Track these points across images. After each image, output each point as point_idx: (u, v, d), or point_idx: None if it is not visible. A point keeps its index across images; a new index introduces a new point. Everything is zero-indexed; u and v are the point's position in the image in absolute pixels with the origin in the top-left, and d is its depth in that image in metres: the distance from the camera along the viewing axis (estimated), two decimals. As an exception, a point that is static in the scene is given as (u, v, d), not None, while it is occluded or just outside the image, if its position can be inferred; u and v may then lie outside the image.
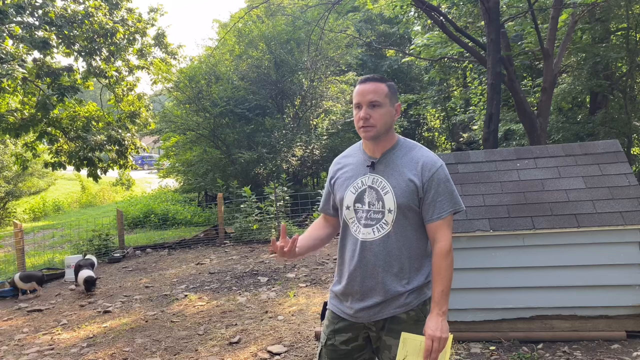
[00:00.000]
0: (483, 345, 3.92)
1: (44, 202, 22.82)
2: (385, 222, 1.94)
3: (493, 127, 8.05)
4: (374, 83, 1.96)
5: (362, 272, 1.97)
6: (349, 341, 2.05)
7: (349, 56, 16.02)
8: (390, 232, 1.94)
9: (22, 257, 8.21)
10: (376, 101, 1.93)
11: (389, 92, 1.97)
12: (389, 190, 1.94)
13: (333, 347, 2.06)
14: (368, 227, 1.96)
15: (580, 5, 8.88)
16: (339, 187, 2.09)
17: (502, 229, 3.91)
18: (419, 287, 1.98)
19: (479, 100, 14.37)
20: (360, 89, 1.96)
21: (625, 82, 12.13)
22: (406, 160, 1.97)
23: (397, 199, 1.93)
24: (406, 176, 1.94)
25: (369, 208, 1.97)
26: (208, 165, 14.95)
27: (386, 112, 1.95)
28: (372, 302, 1.97)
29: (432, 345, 1.86)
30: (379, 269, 1.95)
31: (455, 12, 11.91)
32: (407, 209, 1.94)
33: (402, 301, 1.96)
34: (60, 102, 9.84)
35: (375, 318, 1.99)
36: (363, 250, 1.97)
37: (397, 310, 1.97)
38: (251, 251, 9.05)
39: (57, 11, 10.04)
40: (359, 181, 2.01)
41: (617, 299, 3.84)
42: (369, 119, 1.93)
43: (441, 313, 1.89)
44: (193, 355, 4.26)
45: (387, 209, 1.94)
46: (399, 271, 1.95)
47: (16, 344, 4.97)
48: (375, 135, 1.96)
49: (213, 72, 15.00)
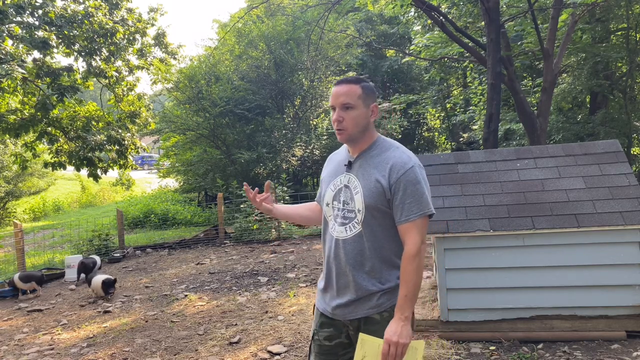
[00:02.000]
0: (483, 345, 3.92)
1: (44, 202, 22.83)
2: (357, 222, 1.96)
3: (493, 127, 8.06)
4: (348, 85, 1.97)
5: (337, 269, 2.01)
6: (331, 337, 2.07)
7: (349, 56, 16.03)
8: (361, 232, 1.95)
9: (22, 257, 8.21)
10: (348, 103, 1.94)
11: (363, 94, 1.97)
12: (359, 191, 1.96)
13: (319, 342, 2.10)
14: (342, 225, 1.99)
15: (580, 5, 8.88)
16: (323, 183, 2.15)
17: (502, 229, 3.91)
18: (392, 288, 1.96)
19: (479, 100, 14.38)
20: (334, 91, 1.98)
21: (625, 82, 12.14)
22: (378, 161, 1.97)
23: (365, 199, 1.93)
24: (374, 177, 1.94)
25: (343, 207, 2.00)
26: (208, 165, 14.96)
27: (359, 114, 1.96)
28: (346, 299, 1.99)
29: (388, 349, 1.84)
30: (350, 267, 1.97)
31: (455, 12, 11.91)
32: (375, 210, 1.93)
33: (375, 302, 1.96)
34: (60, 102, 9.84)
35: (350, 317, 2.00)
36: (337, 247, 2.00)
37: (371, 311, 1.97)
38: (251, 251, 9.05)
39: (57, 11, 10.04)
40: (338, 179, 2.05)
41: (617, 299, 3.84)
42: (341, 122, 1.95)
43: (403, 318, 1.86)
44: (193, 355, 4.26)
45: (357, 209, 1.95)
46: (370, 270, 1.96)
47: (16, 344, 4.97)
48: (348, 138, 1.99)
49: (213, 72, 15.01)
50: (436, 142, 22.79)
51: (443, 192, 4.33)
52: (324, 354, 2.10)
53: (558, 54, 9.24)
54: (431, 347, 3.91)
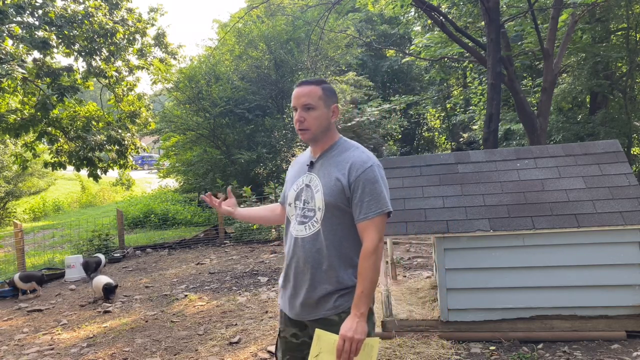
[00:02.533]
0: (483, 345, 3.92)
1: (44, 202, 22.82)
2: (316, 220, 1.99)
3: (493, 127, 8.06)
4: (309, 86, 2.01)
5: (295, 268, 2.03)
6: (297, 336, 2.10)
7: (349, 56, 16.03)
8: (320, 230, 1.97)
9: (22, 257, 8.21)
10: (309, 104, 1.99)
11: (324, 95, 2.01)
12: (319, 189, 2.00)
13: (285, 340, 2.13)
14: (302, 224, 2.03)
15: (580, 5, 8.88)
16: (286, 184, 2.21)
17: (502, 229, 3.91)
18: (350, 288, 1.97)
19: (479, 100, 14.39)
20: (295, 92, 2.02)
21: (625, 82, 12.14)
22: (338, 161, 2.01)
23: (325, 197, 1.97)
24: (334, 175, 1.98)
25: (304, 206, 2.04)
26: (208, 165, 14.95)
27: (320, 114, 2.00)
28: (304, 298, 2.01)
29: (343, 345, 1.85)
30: (308, 265, 1.99)
31: (455, 12, 11.92)
32: (335, 208, 1.96)
33: (332, 304, 1.97)
34: (60, 102, 9.84)
35: (308, 317, 2.02)
36: (296, 246, 2.03)
37: (329, 313, 1.97)
38: (251, 251, 9.05)
39: (57, 11, 10.04)
40: (300, 180, 2.10)
41: (617, 299, 3.84)
42: (303, 122, 2.00)
43: (358, 314, 1.87)
44: (193, 355, 4.26)
45: (317, 207, 1.99)
46: (327, 269, 1.97)
47: (16, 344, 4.97)
48: (310, 138, 2.04)
49: (213, 72, 15.00)
50: (436, 142, 22.79)
51: (443, 192, 4.33)
52: (291, 350, 2.12)
53: (558, 54, 9.24)
54: (431, 347, 3.91)
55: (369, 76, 18.46)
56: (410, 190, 4.43)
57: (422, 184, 4.48)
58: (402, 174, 4.62)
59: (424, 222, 4.11)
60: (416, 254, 7.63)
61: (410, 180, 4.54)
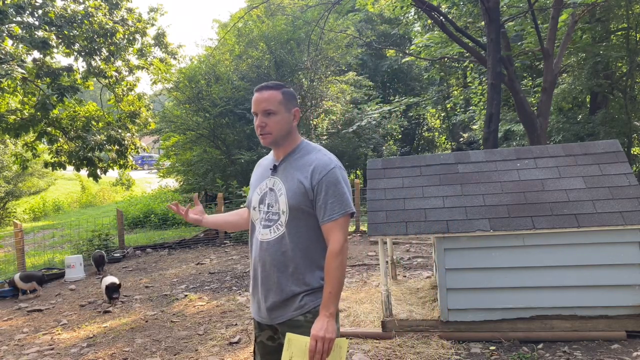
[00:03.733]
0: (483, 345, 3.92)
1: (44, 202, 22.83)
2: (280, 224, 1.99)
3: (493, 127, 8.06)
4: (268, 91, 2.01)
5: (262, 272, 2.03)
6: (273, 338, 2.11)
7: (349, 56, 16.01)
8: (285, 233, 1.98)
9: (22, 257, 8.22)
10: (270, 109, 1.99)
11: (284, 99, 2.02)
12: (283, 192, 2.00)
13: (262, 344, 2.14)
14: (266, 227, 2.03)
15: (580, 5, 8.88)
16: (250, 188, 2.20)
17: (502, 229, 3.91)
18: (315, 289, 1.99)
19: (479, 100, 14.39)
20: (255, 98, 2.03)
21: (625, 82, 12.13)
22: (301, 164, 2.02)
23: (289, 200, 1.97)
24: (297, 178, 1.99)
25: (267, 210, 2.04)
26: (208, 165, 14.95)
27: (281, 119, 2.01)
28: (271, 302, 2.01)
29: (315, 345, 1.86)
30: (274, 269, 1.99)
31: (455, 12, 11.91)
32: (299, 211, 1.97)
33: (298, 303, 1.98)
34: (60, 102, 9.84)
35: (276, 320, 2.03)
36: (261, 250, 2.03)
37: (295, 313, 1.99)
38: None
39: (57, 11, 10.04)
40: (264, 183, 2.10)
41: (617, 299, 3.84)
42: (264, 127, 2.01)
43: (328, 314, 1.89)
44: (193, 355, 4.26)
45: (282, 210, 1.99)
46: (293, 271, 1.98)
47: (16, 344, 4.97)
48: (272, 142, 2.04)
49: (213, 72, 14.99)
50: (436, 142, 22.79)
51: (443, 192, 4.33)
52: (268, 354, 2.13)
53: (558, 54, 9.24)
54: (431, 347, 3.91)
55: (369, 76, 18.46)
56: (410, 190, 4.43)
57: (422, 184, 4.48)
58: (402, 174, 4.62)
59: (424, 222, 4.11)
60: (416, 254, 7.63)
61: (410, 180, 4.54)
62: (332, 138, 15.88)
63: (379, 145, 16.19)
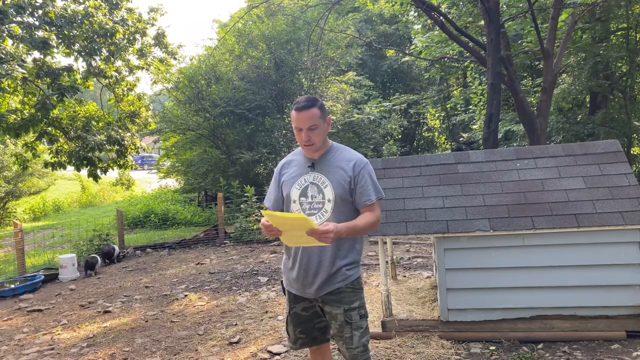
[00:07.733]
0: (483, 345, 3.92)
1: (44, 202, 22.82)
2: (325, 211, 2.38)
3: (493, 127, 8.05)
4: (309, 110, 2.37)
5: (308, 254, 2.39)
6: (307, 308, 2.52)
7: (349, 56, 16.01)
8: (330, 218, 2.35)
9: (22, 257, 8.22)
10: (314, 125, 2.38)
11: (321, 114, 2.41)
12: (328, 184, 2.40)
13: (296, 315, 2.54)
14: (312, 215, 2.38)
15: (580, 5, 8.87)
16: (285, 185, 2.51)
17: (502, 229, 3.91)
18: (355, 262, 2.45)
19: (479, 100, 14.38)
20: (298, 116, 2.38)
21: (625, 82, 12.12)
22: (340, 159, 2.46)
23: (335, 190, 2.39)
24: (340, 172, 2.42)
25: (311, 200, 2.42)
26: (208, 166, 14.95)
27: (321, 130, 2.42)
28: (319, 279, 2.39)
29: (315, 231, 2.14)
30: (321, 249, 2.36)
31: (455, 12, 11.90)
32: (341, 199, 2.38)
33: (341, 276, 2.39)
34: (60, 102, 9.84)
35: (323, 292, 2.41)
36: None
37: (340, 285, 2.40)
38: (251, 251, 9.05)
39: (57, 11, 10.04)
40: (302, 179, 2.46)
41: (617, 299, 3.84)
42: (310, 139, 2.40)
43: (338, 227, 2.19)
44: (193, 355, 4.26)
45: (327, 199, 2.39)
46: (337, 249, 2.39)
47: (16, 344, 4.97)
48: (315, 150, 2.46)
49: (213, 72, 14.99)
50: (436, 142, 22.76)
51: (443, 192, 4.33)
52: (302, 323, 2.55)
53: (558, 54, 9.24)
54: (431, 347, 3.91)
55: (369, 76, 18.45)
56: (410, 190, 4.43)
57: (422, 184, 4.48)
58: (402, 174, 4.62)
59: (424, 222, 4.11)
60: (416, 254, 7.63)
61: (410, 180, 4.55)
62: (332, 138, 15.79)
63: (379, 145, 16.18)
